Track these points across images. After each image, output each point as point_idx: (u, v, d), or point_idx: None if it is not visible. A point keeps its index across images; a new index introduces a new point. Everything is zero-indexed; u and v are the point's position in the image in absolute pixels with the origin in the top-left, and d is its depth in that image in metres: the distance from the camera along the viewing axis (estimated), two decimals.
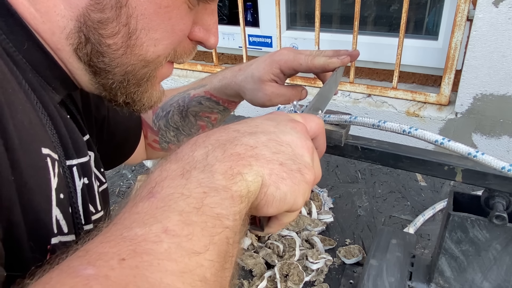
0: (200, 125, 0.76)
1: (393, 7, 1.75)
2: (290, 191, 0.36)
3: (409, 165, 0.52)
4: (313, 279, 0.80)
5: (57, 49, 0.42)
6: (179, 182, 0.31)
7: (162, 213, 0.28)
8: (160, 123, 0.75)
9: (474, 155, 0.46)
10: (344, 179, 1.06)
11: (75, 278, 0.24)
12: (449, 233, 0.56)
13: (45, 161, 0.38)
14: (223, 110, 0.75)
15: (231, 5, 2.56)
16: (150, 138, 0.77)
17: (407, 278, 0.65)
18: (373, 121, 0.50)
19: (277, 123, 0.40)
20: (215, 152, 0.34)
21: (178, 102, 0.75)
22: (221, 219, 0.30)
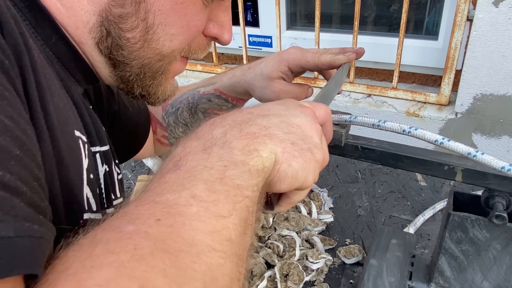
0: None
1: (393, 7, 1.75)
2: (301, 168, 0.38)
3: (409, 165, 0.52)
4: (313, 279, 0.80)
5: (80, 42, 0.44)
6: (201, 156, 0.34)
7: (189, 182, 0.32)
8: (169, 119, 0.77)
9: (474, 155, 0.46)
10: (344, 179, 1.06)
11: (119, 233, 0.27)
12: (449, 233, 0.56)
13: (77, 142, 0.41)
14: (231, 108, 0.76)
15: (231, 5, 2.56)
16: (159, 133, 0.79)
17: (407, 278, 0.65)
18: (373, 121, 0.50)
19: (287, 107, 0.43)
20: (232, 131, 0.37)
21: (187, 99, 0.76)
22: (241, 189, 0.33)
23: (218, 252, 0.29)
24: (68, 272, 0.25)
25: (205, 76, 1.86)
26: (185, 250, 0.28)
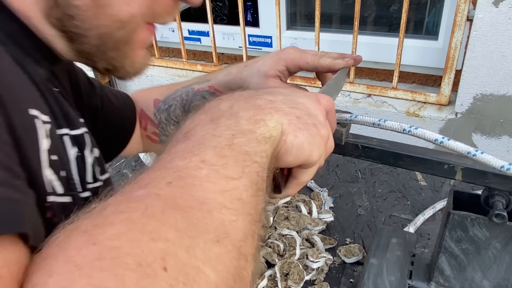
0: None
1: (393, 7, 1.75)
2: (306, 141, 0.39)
3: (409, 164, 0.52)
4: (313, 278, 0.80)
5: (29, 17, 0.42)
6: (209, 126, 0.36)
7: (199, 149, 0.33)
8: (161, 116, 0.75)
9: (474, 154, 0.46)
10: (344, 178, 1.06)
11: (130, 197, 0.29)
12: (449, 232, 0.57)
13: (32, 121, 0.39)
14: None
15: (231, 5, 2.56)
16: (149, 130, 0.77)
17: (407, 277, 0.65)
18: (373, 120, 0.50)
19: (292, 90, 0.44)
20: (238, 103, 0.39)
21: (181, 96, 0.74)
22: (250, 155, 0.34)
23: (230, 209, 0.30)
24: (80, 230, 0.26)
25: None
26: (196, 207, 0.29)
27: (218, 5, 2.55)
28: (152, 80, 1.97)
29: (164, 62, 1.94)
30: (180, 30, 1.78)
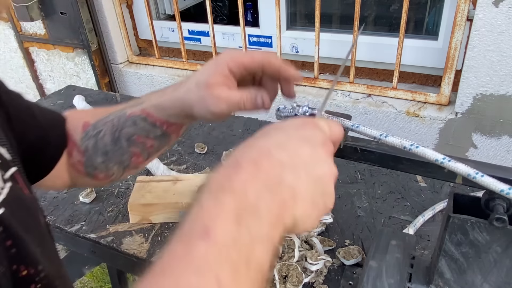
0: (132, 152, 0.64)
1: (393, 7, 1.75)
2: (311, 224, 0.39)
3: (409, 167, 0.52)
4: (312, 280, 0.80)
5: None
6: (232, 228, 0.33)
7: (216, 262, 0.31)
8: (88, 142, 0.63)
9: (474, 177, 0.46)
10: (343, 179, 1.06)
11: None
12: (449, 235, 0.56)
13: None
14: (160, 136, 0.63)
15: (231, 5, 2.56)
16: (75, 157, 0.65)
17: (406, 280, 0.65)
18: (375, 133, 0.50)
19: (311, 147, 0.40)
20: (264, 195, 0.36)
21: (113, 121, 0.63)
22: (263, 270, 0.34)
23: None
24: None
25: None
26: None
27: (218, 5, 2.54)
28: (152, 80, 1.97)
29: (164, 62, 1.94)
30: (180, 30, 1.78)
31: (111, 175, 0.65)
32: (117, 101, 1.50)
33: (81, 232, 0.94)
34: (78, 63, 2.11)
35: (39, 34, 2.12)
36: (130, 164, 0.64)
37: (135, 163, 0.65)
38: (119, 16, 1.93)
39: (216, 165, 1.11)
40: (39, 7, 1.95)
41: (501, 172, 0.49)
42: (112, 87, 2.09)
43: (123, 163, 0.64)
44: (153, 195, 0.94)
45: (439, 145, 1.48)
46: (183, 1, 2.26)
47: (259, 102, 0.56)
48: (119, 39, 1.99)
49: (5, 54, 2.35)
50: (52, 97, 1.57)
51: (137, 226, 0.94)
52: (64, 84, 2.20)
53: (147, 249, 0.88)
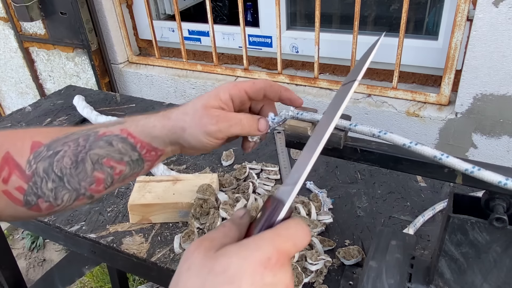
0: (96, 177, 0.55)
1: (393, 7, 1.75)
2: None
3: (409, 167, 0.52)
4: (312, 280, 0.80)
5: None
6: None
7: None
8: (39, 165, 0.54)
9: (471, 171, 0.46)
10: (343, 179, 1.05)
11: None
12: (449, 235, 0.56)
13: None
14: (135, 161, 0.57)
15: (231, 5, 2.56)
16: (13, 183, 0.53)
17: (406, 280, 0.65)
18: (373, 131, 0.50)
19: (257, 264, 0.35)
20: None
21: (77, 141, 0.55)
22: None
23: None
24: None
25: (205, 76, 1.86)
26: None
27: (218, 5, 2.55)
28: (152, 80, 1.97)
29: (164, 62, 1.94)
30: (180, 30, 1.78)
31: (56, 205, 0.55)
32: (117, 101, 1.50)
33: (81, 232, 0.94)
34: (78, 63, 2.11)
35: (39, 34, 2.12)
36: (86, 193, 0.55)
37: (92, 192, 0.56)
38: (119, 16, 1.93)
39: (216, 165, 1.11)
40: (39, 7, 1.95)
41: (501, 172, 0.49)
42: (112, 87, 2.09)
43: (77, 191, 0.55)
44: (153, 195, 0.94)
45: (439, 145, 1.49)
46: (183, 1, 2.26)
47: (262, 126, 0.57)
48: (119, 39, 1.99)
49: (5, 54, 2.35)
50: (52, 97, 1.57)
51: (137, 226, 0.94)
52: (64, 84, 2.20)
53: (147, 249, 0.88)
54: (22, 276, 1.37)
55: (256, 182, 1.01)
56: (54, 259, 2.35)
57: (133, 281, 2.12)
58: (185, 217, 0.94)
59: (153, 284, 2.03)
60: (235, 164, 1.11)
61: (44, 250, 2.43)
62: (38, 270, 2.32)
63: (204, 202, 0.92)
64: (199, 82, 1.84)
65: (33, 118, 1.43)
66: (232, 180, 1.02)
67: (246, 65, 1.74)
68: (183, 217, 0.94)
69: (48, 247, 2.44)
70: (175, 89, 1.93)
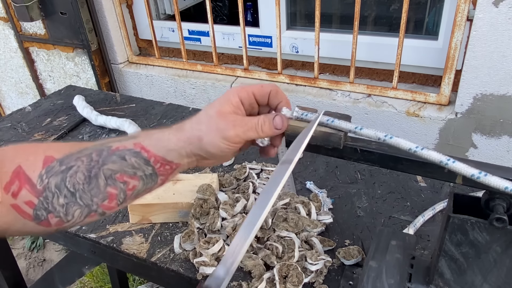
0: (108, 193, 0.55)
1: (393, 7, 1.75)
2: None
3: (409, 167, 0.52)
4: (312, 280, 0.80)
5: None
6: None
7: None
8: (51, 180, 0.53)
9: (477, 177, 0.46)
10: (343, 179, 1.05)
11: None
12: (449, 235, 0.56)
13: None
14: (149, 176, 0.56)
15: (231, 5, 2.56)
16: (22, 197, 0.52)
17: (406, 280, 0.65)
18: (378, 135, 0.50)
19: None
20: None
21: (90, 156, 0.55)
22: None
23: None
24: None
25: (205, 76, 1.85)
26: None
27: (218, 5, 2.55)
28: (152, 80, 1.97)
29: (164, 62, 1.94)
30: (180, 30, 1.78)
31: (67, 221, 0.54)
32: (117, 101, 1.50)
33: (81, 232, 0.94)
34: (78, 63, 2.11)
35: (39, 34, 2.12)
36: (98, 209, 0.55)
37: (105, 209, 0.55)
38: (119, 16, 1.93)
39: (216, 165, 1.11)
40: (39, 7, 1.95)
41: (501, 172, 0.49)
42: (112, 87, 2.09)
43: (89, 207, 0.54)
44: (153, 195, 0.93)
45: (439, 145, 1.48)
46: (183, 1, 2.26)
47: (278, 123, 0.57)
48: (119, 39, 1.99)
49: (5, 54, 2.35)
50: (52, 97, 1.57)
51: (137, 226, 0.94)
52: (64, 84, 2.20)
53: (147, 249, 0.88)
54: (22, 276, 1.37)
55: (256, 182, 1.01)
56: (54, 259, 2.35)
57: (133, 281, 2.12)
58: (185, 217, 0.94)
59: (153, 284, 2.03)
60: (235, 164, 1.11)
61: (44, 250, 2.43)
62: (38, 270, 2.32)
63: (204, 202, 0.92)
64: (199, 82, 1.84)
65: (33, 118, 1.43)
66: (232, 180, 1.02)
67: (246, 65, 1.74)
68: (183, 217, 0.94)
69: (48, 247, 2.44)
70: (175, 89, 1.93)
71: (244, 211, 0.92)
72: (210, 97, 1.85)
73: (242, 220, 0.86)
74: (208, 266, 0.81)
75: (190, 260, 0.84)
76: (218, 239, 0.84)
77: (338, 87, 1.59)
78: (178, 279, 0.85)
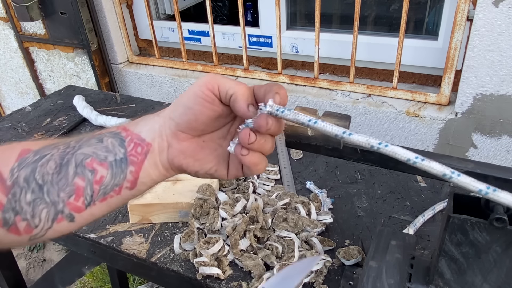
0: (75, 185, 0.47)
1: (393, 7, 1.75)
2: None
3: (409, 167, 0.51)
4: (312, 280, 0.80)
5: None
6: None
7: None
8: (21, 173, 0.46)
9: (486, 192, 0.44)
10: (343, 179, 1.05)
11: None
12: (449, 236, 0.56)
13: None
14: (118, 163, 0.49)
15: (231, 5, 2.56)
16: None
17: (406, 280, 0.65)
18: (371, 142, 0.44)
19: None
20: None
21: (69, 143, 0.49)
22: None
23: None
24: None
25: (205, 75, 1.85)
26: None
27: (218, 5, 2.55)
28: (152, 80, 1.97)
29: (164, 62, 1.94)
30: (180, 30, 1.78)
31: (35, 226, 0.46)
32: (117, 101, 1.50)
33: (81, 232, 0.94)
34: (78, 63, 2.11)
35: (39, 34, 2.12)
36: (65, 209, 0.47)
37: (71, 209, 0.47)
38: (119, 16, 1.93)
39: None
40: (39, 7, 1.95)
41: (501, 172, 0.49)
42: (112, 87, 2.09)
43: (56, 205, 0.46)
44: (153, 195, 0.94)
45: (439, 145, 1.48)
46: (183, 1, 2.26)
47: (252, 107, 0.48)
48: (119, 39, 1.99)
49: (5, 54, 2.35)
50: (52, 97, 1.57)
51: (137, 226, 0.94)
52: (64, 84, 2.20)
53: (147, 249, 0.88)
54: (22, 276, 1.37)
55: (256, 182, 1.01)
56: (54, 259, 2.35)
57: (133, 281, 2.12)
58: (185, 217, 0.94)
59: (153, 284, 2.03)
60: None
61: (44, 250, 2.43)
62: (38, 270, 2.32)
63: (204, 202, 0.92)
64: None
65: (33, 118, 1.43)
66: (232, 180, 1.02)
67: (246, 65, 1.74)
68: (183, 217, 0.94)
69: (48, 247, 2.44)
70: (175, 89, 1.93)
71: (244, 211, 0.92)
72: None
73: (242, 220, 0.86)
74: (208, 266, 0.81)
75: (190, 260, 0.84)
76: (218, 239, 0.84)
77: (338, 87, 1.59)
78: (178, 279, 0.85)
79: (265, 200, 0.94)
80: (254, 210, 0.88)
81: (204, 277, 0.81)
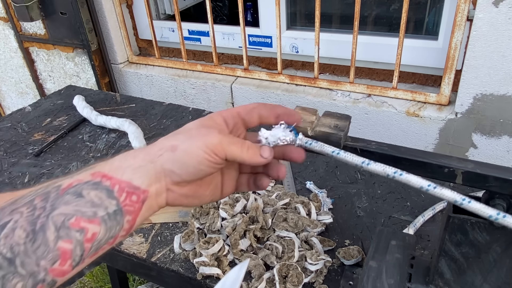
0: (60, 250, 0.40)
1: (393, 7, 1.75)
2: None
3: (408, 167, 0.52)
4: (312, 280, 0.80)
5: None
6: None
7: None
8: None
9: (496, 218, 0.47)
10: (343, 179, 1.05)
11: None
12: (449, 235, 0.56)
13: None
14: (112, 216, 0.43)
15: (231, 5, 2.56)
16: None
17: (406, 280, 0.65)
18: (387, 171, 0.50)
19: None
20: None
21: (32, 203, 0.41)
22: None
23: None
24: None
25: (205, 76, 1.86)
26: None
27: (218, 5, 2.55)
28: (152, 80, 1.97)
29: (164, 62, 1.94)
30: (180, 30, 1.78)
31: None
32: (117, 101, 1.50)
33: None
34: (78, 63, 2.11)
35: (39, 34, 2.12)
36: (47, 277, 0.39)
37: (55, 275, 0.40)
38: (119, 16, 1.93)
39: None
40: (39, 7, 1.95)
41: (501, 172, 0.49)
42: (112, 87, 2.09)
43: (35, 276, 0.39)
44: None
45: (439, 145, 1.48)
46: (183, 1, 2.26)
47: (265, 152, 0.50)
48: (119, 39, 1.99)
49: (5, 54, 2.35)
50: (52, 97, 1.57)
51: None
52: (64, 84, 2.20)
53: (147, 249, 0.88)
54: None
55: None
56: None
57: (133, 281, 2.12)
58: (185, 217, 0.94)
59: (153, 284, 2.03)
60: None
61: None
62: None
63: None
64: (199, 82, 1.84)
65: (33, 118, 1.43)
66: None
67: (246, 65, 1.74)
68: (183, 217, 0.94)
69: None
70: (175, 89, 1.93)
71: (244, 211, 0.92)
72: (210, 97, 1.85)
73: (242, 220, 0.86)
74: (208, 266, 0.81)
75: (190, 260, 0.84)
76: (218, 239, 0.84)
77: (338, 87, 1.59)
78: (178, 279, 0.85)
79: (265, 200, 0.94)
80: (254, 210, 0.88)
81: (204, 277, 0.81)
